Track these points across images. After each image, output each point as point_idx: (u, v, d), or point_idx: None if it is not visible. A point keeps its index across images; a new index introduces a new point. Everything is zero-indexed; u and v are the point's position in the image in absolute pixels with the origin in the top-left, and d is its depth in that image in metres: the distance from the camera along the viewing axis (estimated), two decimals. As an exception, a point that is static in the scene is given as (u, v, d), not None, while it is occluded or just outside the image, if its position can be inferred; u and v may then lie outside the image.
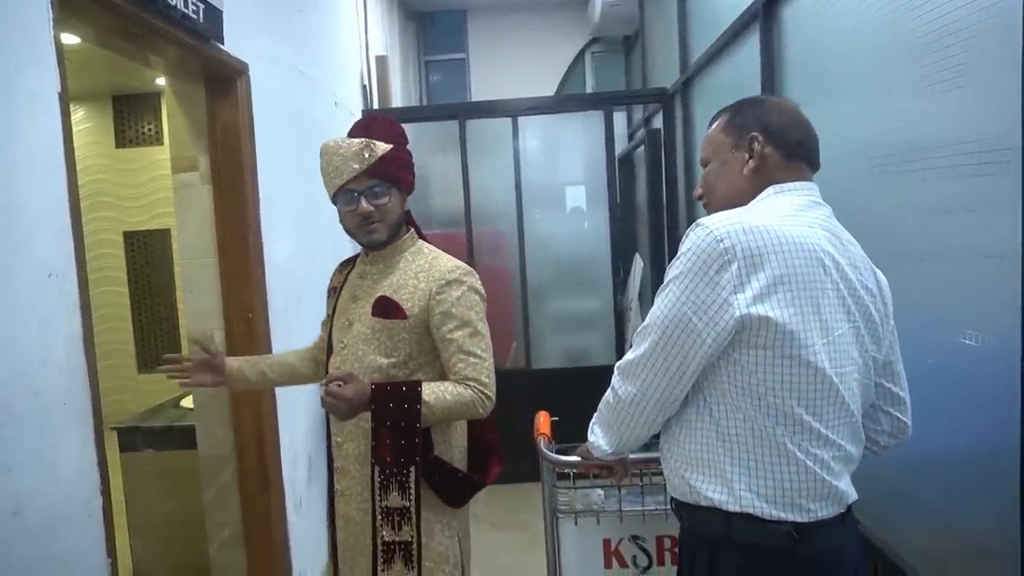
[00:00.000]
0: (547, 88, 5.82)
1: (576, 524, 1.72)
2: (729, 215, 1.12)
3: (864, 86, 1.81)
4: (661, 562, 1.75)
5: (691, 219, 3.78)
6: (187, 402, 3.05)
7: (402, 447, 1.52)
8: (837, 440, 1.13)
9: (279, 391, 2.56)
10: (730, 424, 1.13)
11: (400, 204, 1.68)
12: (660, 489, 1.62)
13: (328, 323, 1.79)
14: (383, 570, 1.58)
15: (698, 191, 1.33)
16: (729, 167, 1.25)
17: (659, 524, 1.72)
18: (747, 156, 1.22)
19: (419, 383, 1.54)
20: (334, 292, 1.81)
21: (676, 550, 1.57)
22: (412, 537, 1.56)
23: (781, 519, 1.09)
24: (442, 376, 1.63)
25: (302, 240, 2.88)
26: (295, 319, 2.73)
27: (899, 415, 1.27)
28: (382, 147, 1.60)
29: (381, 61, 4.17)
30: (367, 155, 1.58)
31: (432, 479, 1.60)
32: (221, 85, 2.39)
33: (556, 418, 1.80)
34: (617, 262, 4.30)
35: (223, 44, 2.20)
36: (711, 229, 1.09)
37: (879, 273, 1.24)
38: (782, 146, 1.20)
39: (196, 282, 2.49)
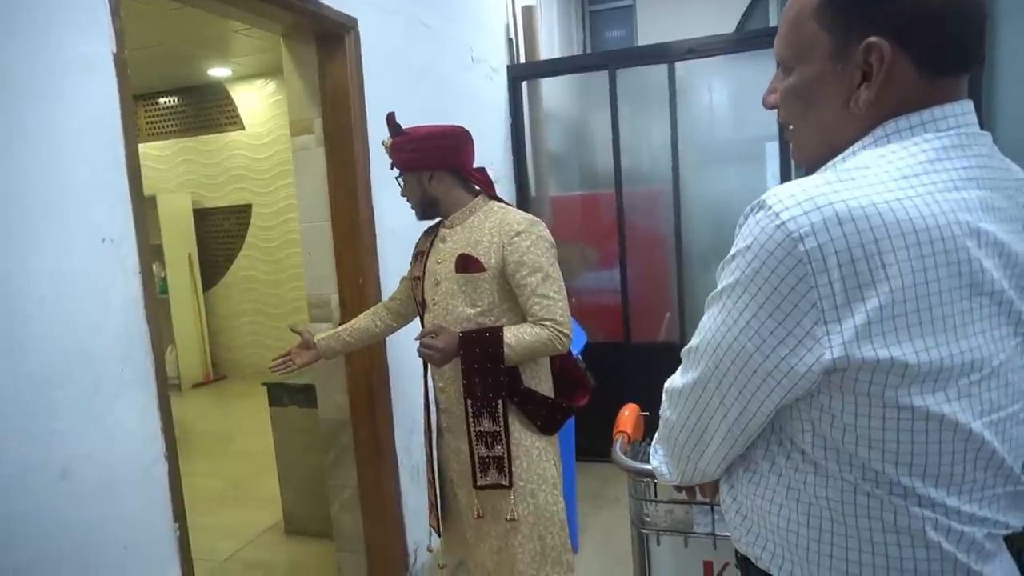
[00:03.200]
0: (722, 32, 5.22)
1: (658, 544, 1.44)
2: (811, 187, 0.69)
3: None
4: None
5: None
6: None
7: (489, 384, 1.75)
8: (983, 515, 0.74)
9: (396, 363, 2.52)
10: (814, 489, 0.76)
11: (418, 185, 1.88)
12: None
13: (415, 281, 1.98)
14: (481, 477, 1.82)
15: (782, 115, 0.85)
16: (828, 89, 0.77)
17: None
18: (859, 77, 0.74)
19: (501, 328, 1.73)
20: (421, 256, 1.99)
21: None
22: (503, 454, 1.80)
23: None
24: (523, 319, 1.79)
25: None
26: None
27: None
28: (390, 140, 1.87)
29: (528, 11, 3.93)
30: (386, 152, 1.91)
31: (525, 408, 1.81)
32: (329, 43, 2.33)
33: (647, 412, 1.52)
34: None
35: (321, -2, 2.11)
36: (782, 216, 0.68)
37: None
38: (923, 50, 0.72)
39: (313, 246, 2.49)
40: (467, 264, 1.80)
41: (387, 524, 2.53)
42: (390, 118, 1.86)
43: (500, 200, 1.92)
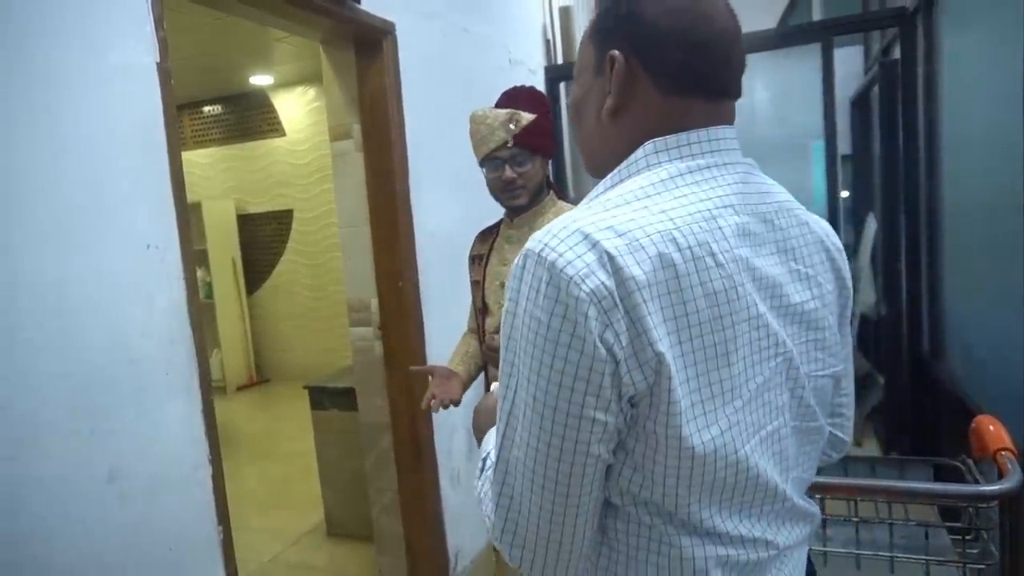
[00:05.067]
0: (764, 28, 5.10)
1: (825, 565, 1.31)
2: (571, 224, 0.66)
3: None
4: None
5: (932, 171, 3.04)
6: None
7: None
8: (763, 536, 0.75)
9: (431, 363, 2.50)
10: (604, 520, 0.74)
11: (542, 170, 1.77)
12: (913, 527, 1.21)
13: (474, 286, 1.90)
14: None
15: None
16: (587, 102, 0.81)
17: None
18: (607, 86, 0.76)
19: None
20: (479, 260, 1.90)
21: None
22: None
23: None
24: None
25: (462, 208, 2.76)
26: (451, 291, 2.64)
27: (837, 431, 0.93)
28: (527, 117, 1.69)
29: (565, 12, 3.91)
30: (512, 125, 1.69)
31: None
32: (367, 49, 2.34)
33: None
34: (839, 225, 3.64)
35: (359, 3, 2.12)
36: (548, 260, 0.64)
37: (832, 240, 0.83)
38: (659, 72, 0.74)
39: (353, 250, 2.50)
40: None
41: (427, 528, 2.53)
42: (538, 93, 1.77)
43: (566, 199, 1.86)
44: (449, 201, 2.70)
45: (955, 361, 2.86)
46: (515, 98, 1.76)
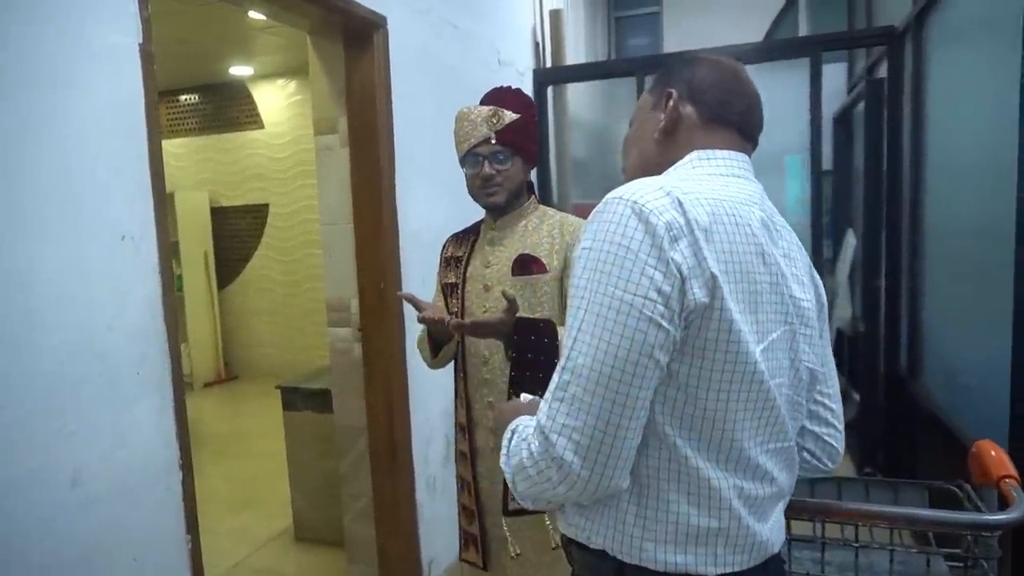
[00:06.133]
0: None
1: None
2: (648, 182, 0.87)
3: None
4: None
5: (916, 190, 3.05)
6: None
7: (540, 379, 1.53)
8: (771, 471, 0.90)
9: (414, 368, 2.44)
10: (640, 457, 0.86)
11: (521, 172, 1.73)
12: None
13: (448, 288, 1.81)
14: (512, 499, 1.61)
15: (623, 158, 1.12)
16: (644, 129, 1.05)
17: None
18: (661, 115, 1.01)
19: (553, 324, 1.57)
20: (456, 262, 1.80)
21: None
22: None
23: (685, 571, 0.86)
24: None
25: (449, 209, 2.70)
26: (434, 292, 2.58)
27: (829, 439, 1.05)
28: (509, 115, 1.68)
29: (555, 15, 3.87)
30: (495, 121, 1.67)
31: None
32: (357, 40, 2.27)
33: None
34: (822, 239, 3.65)
35: (351, -6, 2.06)
36: (631, 200, 0.83)
37: (813, 269, 1.03)
38: (702, 104, 0.99)
39: (334, 247, 2.43)
40: (527, 265, 1.68)
41: (401, 536, 2.46)
42: (524, 95, 1.75)
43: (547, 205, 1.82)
44: (435, 201, 2.64)
45: (934, 381, 2.87)
46: (501, 97, 1.73)
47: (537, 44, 3.83)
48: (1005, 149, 2.13)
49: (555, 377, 0.84)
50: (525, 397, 1.03)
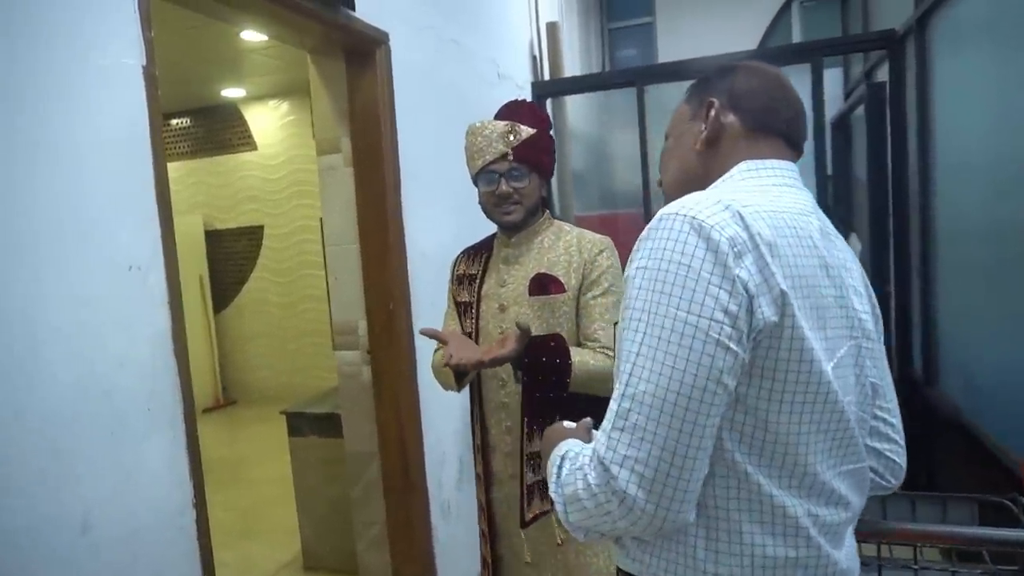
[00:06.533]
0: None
1: None
2: (702, 195, 0.82)
3: None
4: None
5: (925, 193, 3.02)
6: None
7: (549, 399, 1.53)
8: (845, 495, 0.84)
9: (426, 390, 2.38)
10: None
11: (538, 188, 1.68)
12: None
13: (461, 307, 1.76)
14: (528, 508, 1.61)
15: (661, 172, 1.06)
16: (682, 141, 0.99)
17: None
18: (702, 126, 0.96)
19: (567, 347, 1.53)
20: (470, 280, 1.75)
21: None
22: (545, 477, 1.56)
23: None
24: None
25: (457, 227, 2.65)
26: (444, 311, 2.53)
27: (891, 455, 0.97)
28: (526, 130, 1.62)
29: (552, 28, 3.85)
30: (511, 137, 1.61)
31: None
32: (359, 58, 2.23)
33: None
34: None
35: (353, 10, 2.01)
36: (689, 215, 0.78)
37: (866, 279, 0.97)
38: (745, 112, 0.94)
39: (340, 269, 2.37)
40: (545, 285, 1.62)
41: (418, 562, 2.39)
42: (539, 109, 1.71)
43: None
44: (443, 219, 2.59)
45: (952, 386, 2.83)
46: (516, 111, 1.68)
47: (535, 57, 3.81)
48: (1017, 150, 2.10)
49: (612, 405, 0.78)
50: (569, 424, 0.97)
